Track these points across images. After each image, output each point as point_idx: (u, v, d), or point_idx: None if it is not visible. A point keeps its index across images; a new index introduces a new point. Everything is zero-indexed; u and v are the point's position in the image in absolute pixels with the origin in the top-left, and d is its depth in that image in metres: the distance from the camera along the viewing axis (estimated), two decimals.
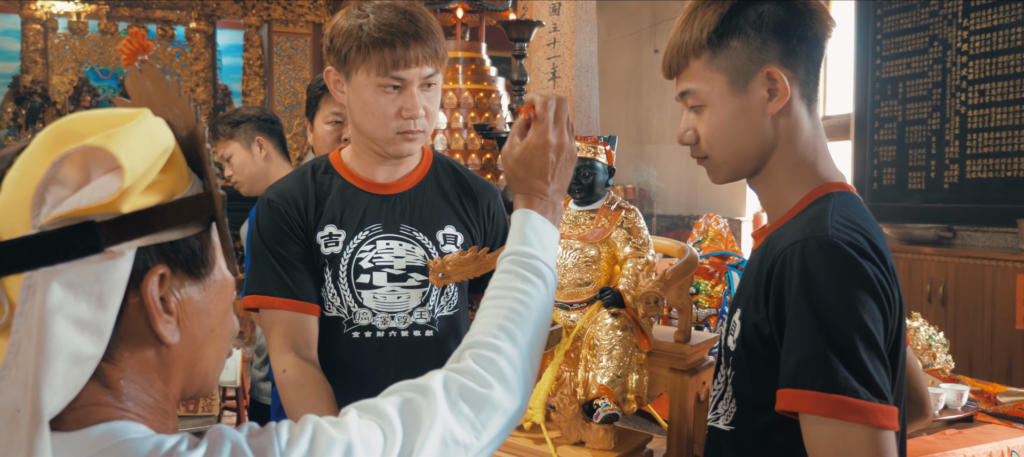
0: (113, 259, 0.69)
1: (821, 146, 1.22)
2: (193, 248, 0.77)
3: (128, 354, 0.75)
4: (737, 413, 1.19)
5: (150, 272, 0.73)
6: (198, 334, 0.80)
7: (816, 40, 1.19)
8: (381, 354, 1.63)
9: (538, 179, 1.16)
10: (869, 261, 1.05)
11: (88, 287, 0.68)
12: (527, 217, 1.13)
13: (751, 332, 1.14)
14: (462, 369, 0.94)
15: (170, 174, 0.75)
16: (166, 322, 0.75)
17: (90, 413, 0.73)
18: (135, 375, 0.76)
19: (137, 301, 0.73)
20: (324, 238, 1.63)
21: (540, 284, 1.07)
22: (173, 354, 0.78)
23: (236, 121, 2.74)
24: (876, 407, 0.98)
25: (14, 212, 0.68)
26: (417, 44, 1.54)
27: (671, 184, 7.73)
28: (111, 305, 0.70)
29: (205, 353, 0.82)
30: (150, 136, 0.72)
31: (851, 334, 1.00)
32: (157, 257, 0.74)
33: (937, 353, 2.65)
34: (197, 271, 0.78)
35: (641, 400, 1.34)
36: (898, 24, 5.21)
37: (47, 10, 8.52)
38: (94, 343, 0.69)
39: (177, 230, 0.75)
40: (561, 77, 3.67)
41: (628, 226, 1.40)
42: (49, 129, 0.72)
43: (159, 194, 0.73)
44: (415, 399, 0.87)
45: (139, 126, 0.71)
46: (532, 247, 1.09)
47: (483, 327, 1.01)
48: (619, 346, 1.31)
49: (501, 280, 1.07)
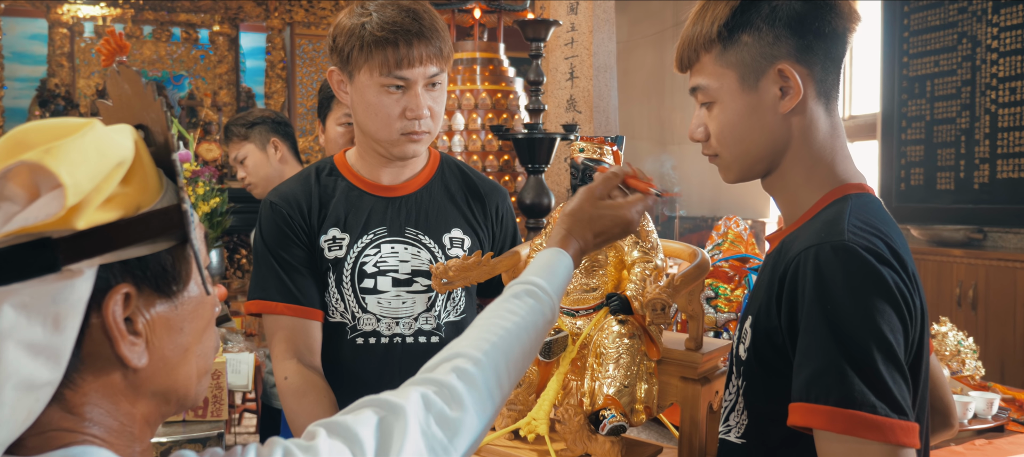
0: (71, 278, 0.65)
1: (840, 146, 1.17)
2: (163, 264, 0.72)
3: (91, 378, 0.70)
4: (749, 426, 1.14)
5: (113, 291, 0.68)
6: (170, 355, 0.75)
7: (835, 35, 1.13)
8: (386, 361, 1.60)
9: (592, 234, 1.18)
10: (888, 267, 0.99)
11: (43, 309, 0.64)
12: (560, 258, 1.13)
13: (763, 341, 1.09)
14: (440, 386, 0.90)
15: (133, 186, 0.70)
16: (132, 345, 0.70)
17: (51, 439, 0.69)
18: (99, 399, 0.71)
19: (100, 322, 0.69)
20: (327, 242, 1.59)
21: (542, 323, 1.05)
22: (142, 376, 0.73)
23: (251, 122, 2.73)
24: (895, 423, 0.92)
25: None
26: (421, 42, 1.50)
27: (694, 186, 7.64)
28: (69, 328, 0.65)
29: (179, 374, 0.76)
30: (97, 149, 0.67)
31: (868, 345, 0.95)
32: (121, 275, 0.69)
33: (966, 359, 2.57)
34: (168, 288, 0.73)
35: (650, 410, 1.29)
36: (926, 21, 5.10)
37: (74, 14, 8.61)
38: (50, 369, 0.65)
39: (144, 246, 0.70)
40: (579, 77, 3.62)
41: (636, 229, 1.35)
42: (5, 138, 0.68)
43: (120, 208, 0.69)
44: (387, 418, 0.84)
45: (83, 139, 0.66)
46: (551, 287, 1.08)
47: (473, 340, 0.97)
48: (626, 354, 1.26)
49: (511, 304, 1.04)
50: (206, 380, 0.83)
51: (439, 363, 0.94)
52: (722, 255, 2.62)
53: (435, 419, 0.86)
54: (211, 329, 0.81)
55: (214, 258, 3.94)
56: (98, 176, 0.66)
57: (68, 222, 0.64)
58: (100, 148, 0.67)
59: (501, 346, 0.97)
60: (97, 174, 0.66)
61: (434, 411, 0.87)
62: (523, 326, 1.00)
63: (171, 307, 0.74)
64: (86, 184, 0.64)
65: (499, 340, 0.97)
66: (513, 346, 0.98)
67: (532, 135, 2.91)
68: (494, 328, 0.99)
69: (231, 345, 2.73)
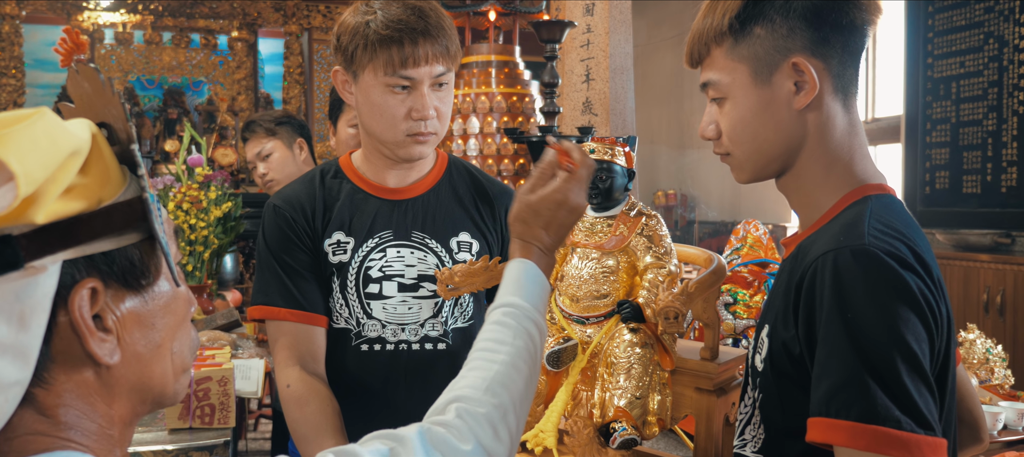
0: (34, 275, 0.63)
1: (858, 145, 1.11)
2: (131, 259, 0.70)
3: (63, 377, 0.68)
4: (766, 440, 1.08)
5: (78, 286, 0.66)
6: (143, 351, 0.73)
7: (853, 28, 1.07)
8: (391, 368, 1.55)
9: (542, 229, 1.11)
10: (911, 272, 0.93)
11: (7, 307, 0.62)
12: (525, 267, 1.08)
13: (780, 351, 1.03)
14: (445, 422, 0.89)
15: (93, 178, 0.68)
16: (101, 341, 0.69)
17: (28, 443, 0.67)
18: (74, 400, 0.69)
19: (67, 319, 0.66)
20: (332, 246, 1.55)
21: (533, 343, 1.02)
22: (115, 374, 0.71)
23: (278, 119, 2.76)
24: (921, 439, 0.87)
25: None
26: (427, 41, 1.45)
27: (714, 189, 7.56)
28: (35, 325, 0.64)
29: (153, 371, 0.75)
30: (48, 137, 0.64)
31: (891, 355, 0.89)
32: (86, 270, 0.67)
33: (995, 368, 2.49)
34: (136, 283, 0.71)
35: (663, 423, 1.24)
36: (951, 21, 4.99)
37: (94, 21, 8.68)
38: (17, 368, 0.63)
39: (109, 240, 0.68)
40: (595, 79, 3.57)
41: (649, 233, 1.30)
42: None
43: (82, 200, 0.66)
44: (396, 449, 0.83)
45: (32, 127, 0.63)
46: (527, 302, 1.04)
47: (472, 381, 0.95)
48: (638, 364, 1.20)
49: (495, 333, 1.01)
50: (185, 378, 0.81)
51: (443, 405, 0.93)
52: (741, 260, 2.56)
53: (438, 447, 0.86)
54: (186, 325, 0.80)
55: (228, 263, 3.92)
56: (51, 165, 0.63)
57: (26, 215, 0.62)
58: (52, 136, 0.64)
59: (501, 380, 0.95)
60: (50, 163, 0.63)
61: (438, 439, 0.86)
62: (516, 354, 0.98)
63: (141, 302, 0.72)
64: (39, 173, 0.62)
65: (497, 375, 0.95)
66: (513, 378, 0.96)
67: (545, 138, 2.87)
68: (489, 364, 0.96)
69: (241, 351, 2.69)
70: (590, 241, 1.32)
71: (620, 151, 1.32)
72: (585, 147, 1.35)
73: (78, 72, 0.75)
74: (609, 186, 1.32)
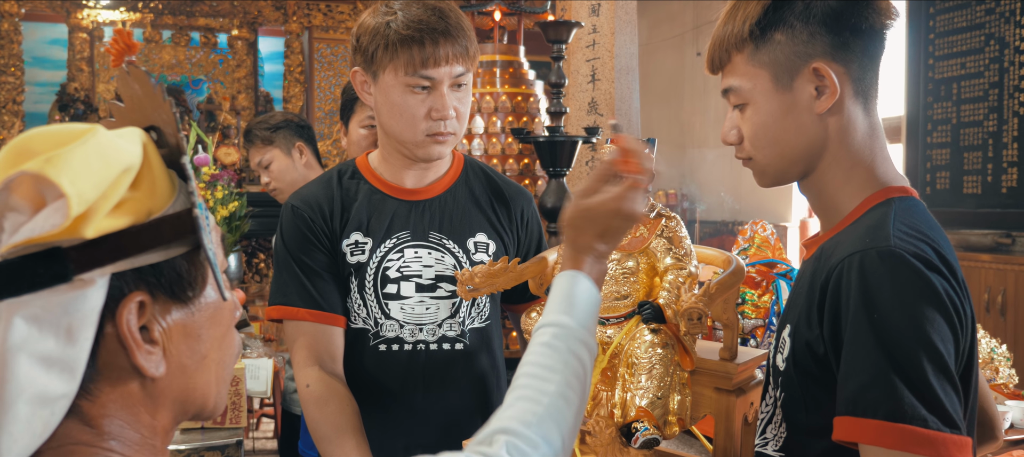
0: (83, 288, 0.63)
1: (879, 147, 1.12)
2: (178, 270, 0.70)
3: (108, 389, 0.68)
4: (787, 439, 1.10)
5: (126, 299, 0.66)
6: (188, 363, 0.73)
7: (873, 32, 1.09)
8: (409, 368, 1.56)
9: (596, 237, 1.05)
10: (937, 274, 0.95)
11: (55, 320, 0.62)
12: (576, 282, 1.02)
13: (803, 351, 1.05)
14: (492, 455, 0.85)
15: (143, 191, 0.68)
16: (148, 354, 0.69)
17: (70, 452, 0.67)
18: (118, 410, 0.69)
19: (114, 332, 0.67)
20: (350, 246, 1.56)
21: (582, 367, 0.97)
22: (160, 386, 0.71)
23: (274, 126, 2.71)
24: (948, 438, 0.88)
25: None
26: (447, 42, 1.46)
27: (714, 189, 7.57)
28: (82, 339, 0.64)
29: (198, 382, 0.75)
30: (100, 156, 0.64)
31: (918, 355, 0.90)
32: (135, 283, 0.67)
33: (1000, 367, 2.51)
34: (184, 294, 0.71)
35: (684, 422, 1.25)
36: (952, 22, 5.01)
37: (93, 19, 8.67)
38: (64, 381, 0.63)
39: (158, 252, 0.68)
40: (600, 79, 3.58)
41: (669, 235, 1.31)
42: (9, 145, 0.67)
43: (131, 215, 0.66)
44: None
45: (85, 145, 0.64)
46: (577, 321, 0.99)
47: (521, 414, 0.90)
48: (659, 365, 1.22)
49: (544, 357, 0.96)
50: (226, 388, 0.81)
51: (492, 434, 0.89)
52: (748, 260, 2.57)
53: None
54: (230, 335, 0.80)
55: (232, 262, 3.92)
56: (103, 184, 0.64)
57: (76, 231, 0.62)
58: (104, 155, 0.65)
59: (552, 414, 0.91)
60: (102, 182, 0.64)
61: None
62: (566, 382, 0.94)
63: (188, 314, 0.72)
64: (91, 193, 0.62)
65: (548, 409, 0.91)
66: (563, 411, 0.92)
67: (553, 138, 2.87)
68: (539, 395, 0.92)
69: (250, 351, 2.70)
70: None
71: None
72: (604, 148, 1.36)
73: (129, 74, 0.74)
74: None
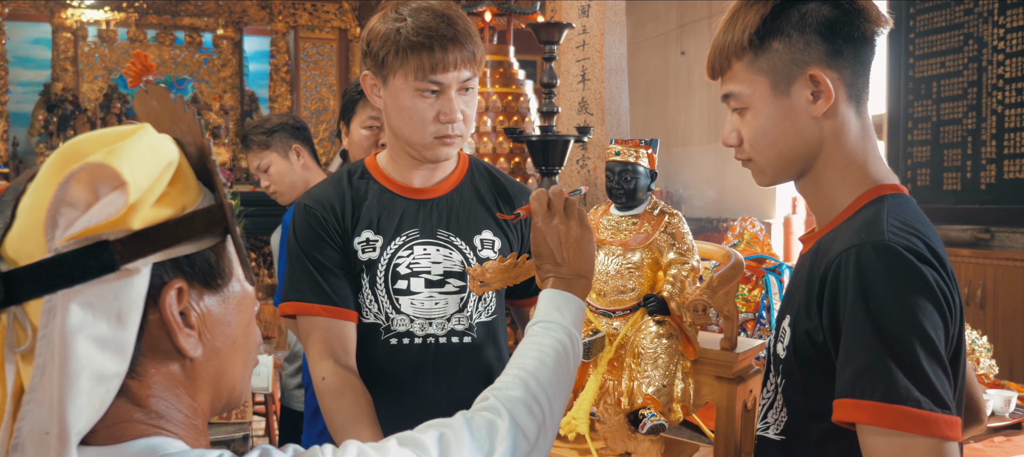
0: (129, 276, 0.70)
1: (871, 148, 1.19)
2: (209, 261, 0.77)
3: (154, 370, 0.75)
4: (788, 422, 1.16)
5: (167, 286, 0.73)
6: (221, 346, 0.80)
7: (864, 39, 1.15)
8: (419, 361, 1.61)
9: (548, 263, 1.25)
10: (928, 266, 1.01)
11: (106, 306, 0.69)
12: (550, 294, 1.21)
13: (803, 339, 1.11)
14: (485, 406, 1.02)
15: (178, 187, 0.75)
16: (187, 336, 0.76)
17: (124, 430, 0.74)
18: (163, 391, 0.76)
19: (157, 316, 0.74)
20: (361, 244, 1.61)
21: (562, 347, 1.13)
22: (198, 368, 0.79)
23: (270, 130, 2.73)
24: (940, 417, 0.95)
25: (30, 238, 0.69)
26: (455, 48, 1.52)
27: (699, 187, 7.67)
28: (131, 322, 0.70)
29: (230, 365, 0.82)
30: (152, 149, 0.72)
31: (911, 342, 0.97)
32: (173, 271, 0.74)
33: (981, 358, 2.59)
34: (214, 283, 0.78)
35: (687, 409, 1.31)
36: (932, 22, 5.12)
37: (77, 19, 8.64)
38: (116, 361, 0.70)
39: (191, 243, 0.75)
40: (590, 79, 3.64)
41: (672, 231, 1.37)
42: (57, 153, 0.73)
43: (170, 208, 0.74)
44: (446, 434, 0.93)
45: (140, 140, 0.71)
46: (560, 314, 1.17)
47: (508, 377, 1.08)
48: (664, 354, 1.28)
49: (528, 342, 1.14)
50: (250, 376, 0.88)
51: (484, 396, 1.06)
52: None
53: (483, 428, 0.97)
54: (254, 324, 0.87)
55: None
56: (153, 175, 0.71)
57: (125, 222, 0.69)
58: (154, 148, 0.72)
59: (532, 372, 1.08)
60: (152, 173, 0.71)
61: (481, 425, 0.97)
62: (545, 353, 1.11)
63: (219, 301, 0.79)
64: (144, 181, 0.69)
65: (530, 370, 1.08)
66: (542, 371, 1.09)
67: (545, 137, 2.93)
68: (523, 363, 1.09)
69: None
70: (615, 238, 1.40)
71: (643, 153, 1.40)
72: (610, 149, 1.42)
73: (147, 92, 0.81)
74: (633, 187, 1.39)
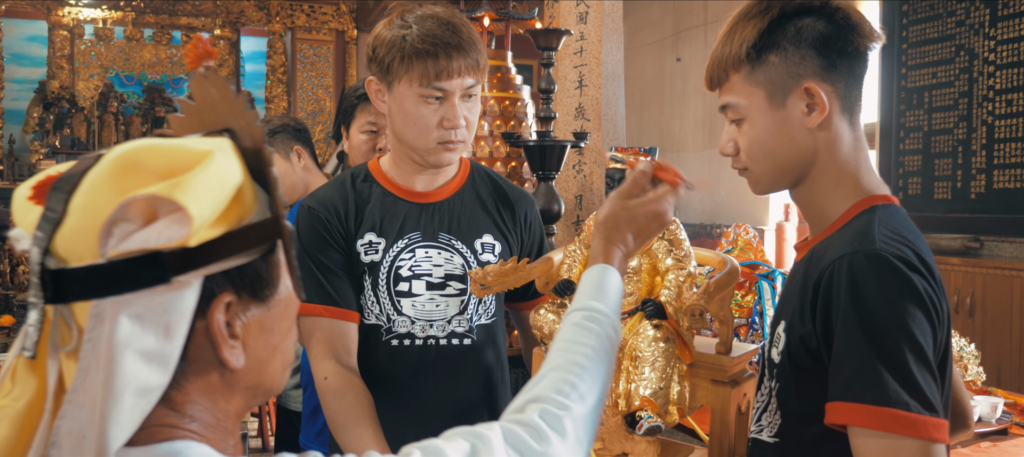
0: (180, 289, 0.69)
1: (863, 159, 1.23)
2: (258, 271, 0.76)
3: (194, 378, 0.75)
4: (782, 425, 1.20)
5: (217, 299, 0.73)
6: (262, 353, 0.80)
7: (857, 54, 1.19)
8: (420, 362, 1.65)
9: (631, 235, 1.19)
10: (918, 274, 1.05)
11: (155, 318, 0.68)
12: (605, 273, 1.14)
13: (797, 344, 1.15)
14: (524, 422, 0.93)
15: (238, 202, 0.75)
16: (231, 348, 0.75)
17: (155, 433, 0.73)
18: (199, 397, 0.76)
19: (203, 326, 0.73)
20: (364, 246, 1.64)
21: (611, 346, 1.07)
22: (237, 376, 0.78)
23: (272, 131, 2.75)
24: (928, 420, 0.99)
25: (82, 240, 0.68)
26: (459, 55, 1.55)
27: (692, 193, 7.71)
28: (178, 335, 0.70)
29: (268, 370, 0.82)
30: (219, 179, 0.71)
31: (901, 347, 1.01)
32: (223, 283, 0.73)
33: (969, 365, 2.64)
34: (262, 293, 0.77)
35: (683, 411, 1.34)
36: (924, 34, 5.18)
37: (74, 17, 8.64)
38: (160, 374, 0.69)
39: (243, 255, 0.74)
40: (588, 85, 3.68)
41: (669, 238, 1.41)
42: (116, 155, 0.72)
43: (226, 224, 0.73)
44: (477, 446, 0.87)
45: (208, 171, 0.70)
46: (607, 307, 1.10)
47: (552, 382, 0.99)
48: (662, 358, 1.31)
49: (575, 334, 1.06)
50: (287, 374, 0.87)
51: (525, 404, 0.97)
52: None
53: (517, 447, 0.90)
54: (294, 326, 0.86)
55: None
56: (217, 205, 0.70)
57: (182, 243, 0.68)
58: (221, 178, 0.71)
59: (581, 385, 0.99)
60: (217, 203, 0.70)
61: (519, 444, 0.90)
62: (597, 358, 1.03)
63: (264, 310, 0.78)
64: (207, 213, 0.69)
65: (578, 380, 1.00)
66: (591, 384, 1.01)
67: (543, 142, 2.96)
68: (569, 368, 1.01)
69: None
70: None
71: (643, 161, 1.43)
72: (611, 157, 1.45)
73: (206, 78, 0.79)
74: None
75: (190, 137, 0.77)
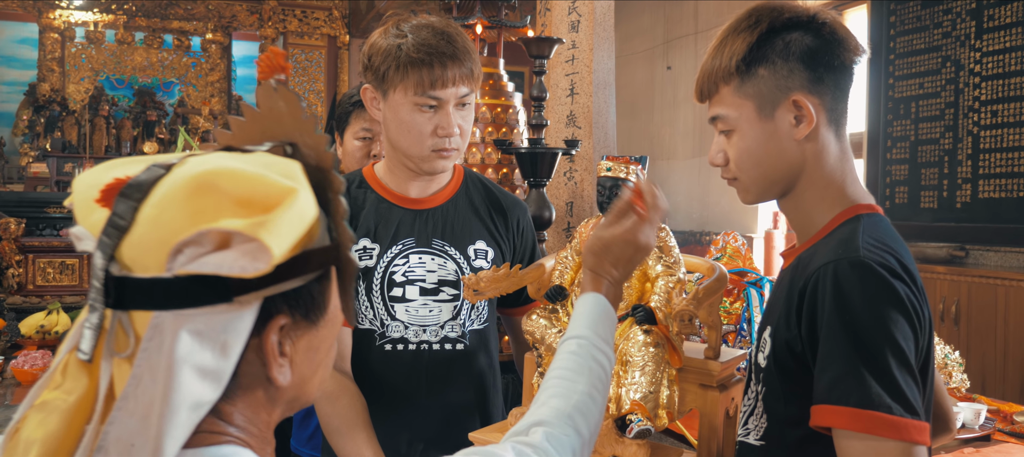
0: (241, 309, 0.70)
1: (849, 169, 1.26)
2: (313, 293, 0.77)
3: (241, 393, 0.76)
4: (768, 428, 1.22)
5: (273, 320, 0.74)
6: (306, 372, 0.81)
7: (843, 68, 1.23)
8: (413, 367, 1.67)
9: (611, 266, 1.22)
10: (900, 281, 1.08)
11: (214, 336, 0.69)
12: (595, 302, 1.19)
13: (782, 349, 1.17)
14: (533, 444, 0.98)
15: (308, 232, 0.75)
16: (280, 366, 0.76)
17: (203, 438, 0.75)
18: (244, 408, 0.77)
19: (256, 344, 0.74)
20: (358, 251, 1.66)
21: (604, 372, 1.12)
22: (281, 391, 0.79)
23: None
24: (910, 423, 1.02)
25: (149, 251, 0.68)
26: (454, 64, 1.58)
27: (681, 201, 7.77)
28: (234, 354, 0.71)
29: (310, 386, 0.83)
30: (300, 218, 0.71)
31: (884, 352, 1.04)
32: (280, 305, 0.74)
33: (953, 372, 2.67)
34: (314, 316, 0.79)
35: (672, 415, 1.37)
36: (911, 44, 5.24)
37: (65, 20, 8.62)
38: (213, 390, 0.70)
39: (301, 278, 0.75)
40: (579, 93, 3.71)
41: (659, 245, 1.44)
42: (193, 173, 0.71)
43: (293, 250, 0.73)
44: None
45: (292, 211, 0.70)
46: (598, 334, 1.15)
47: (555, 409, 1.04)
48: (651, 362, 1.34)
49: (572, 363, 1.11)
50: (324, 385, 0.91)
51: (529, 426, 1.02)
52: None
53: None
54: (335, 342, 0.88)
55: None
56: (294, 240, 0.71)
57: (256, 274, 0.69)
58: (301, 215, 0.71)
59: (581, 410, 1.06)
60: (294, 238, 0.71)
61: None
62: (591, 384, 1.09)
63: (314, 330, 0.80)
64: (285, 248, 0.70)
65: (578, 405, 1.06)
66: (590, 409, 1.07)
67: (535, 149, 2.99)
68: (569, 394, 1.07)
69: None
70: None
71: (634, 170, 1.46)
72: (601, 165, 1.48)
73: (276, 90, 0.80)
74: None
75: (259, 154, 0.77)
